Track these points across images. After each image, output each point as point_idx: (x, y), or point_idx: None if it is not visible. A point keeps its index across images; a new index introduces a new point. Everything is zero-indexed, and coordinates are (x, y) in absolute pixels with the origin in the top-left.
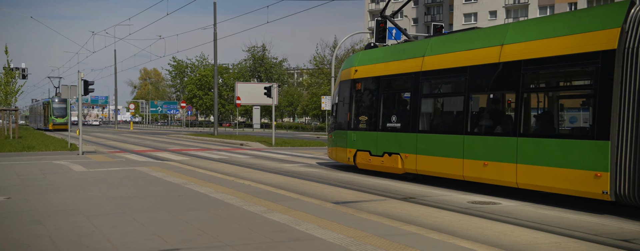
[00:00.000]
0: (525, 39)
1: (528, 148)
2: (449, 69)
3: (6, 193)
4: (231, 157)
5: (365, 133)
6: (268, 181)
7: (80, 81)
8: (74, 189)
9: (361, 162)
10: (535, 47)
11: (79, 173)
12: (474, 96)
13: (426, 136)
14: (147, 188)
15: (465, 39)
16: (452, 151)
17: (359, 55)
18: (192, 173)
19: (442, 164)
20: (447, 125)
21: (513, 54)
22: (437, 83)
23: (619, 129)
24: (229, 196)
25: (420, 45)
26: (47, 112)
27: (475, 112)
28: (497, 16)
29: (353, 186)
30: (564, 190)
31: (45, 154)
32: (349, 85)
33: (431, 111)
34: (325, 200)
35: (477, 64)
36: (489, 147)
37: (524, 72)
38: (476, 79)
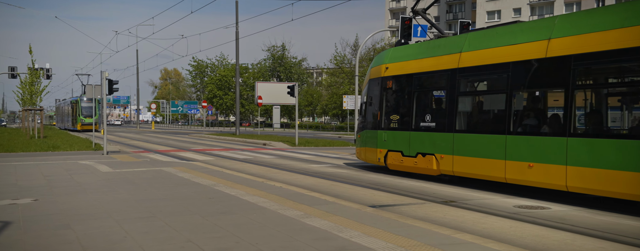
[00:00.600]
0: (576, 32)
1: (580, 149)
2: (489, 65)
3: (33, 194)
4: (256, 157)
5: (397, 132)
6: (298, 182)
7: (105, 80)
8: (101, 190)
9: (393, 163)
10: (588, 41)
11: (106, 173)
12: (518, 93)
13: (464, 135)
14: (175, 189)
15: (507, 33)
16: (492, 151)
17: (389, 52)
18: (220, 174)
19: (482, 165)
20: (487, 124)
21: (562, 49)
22: (476, 80)
23: None
24: (262, 199)
25: (457, 40)
26: (76, 111)
27: (518, 110)
28: (521, 13)
29: (387, 188)
30: (623, 195)
31: (70, 154)
32: (379, 83)
33: (469, 110)
34: (361, 203)
35: (521, 60)
36: (534, 148)
37: (575, 67)
38: (520, 76)
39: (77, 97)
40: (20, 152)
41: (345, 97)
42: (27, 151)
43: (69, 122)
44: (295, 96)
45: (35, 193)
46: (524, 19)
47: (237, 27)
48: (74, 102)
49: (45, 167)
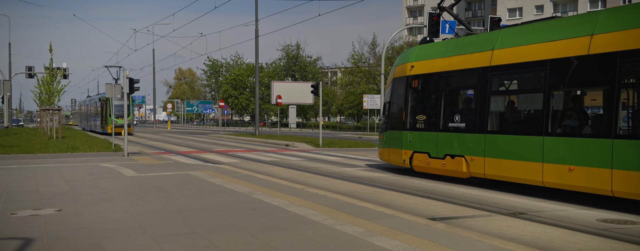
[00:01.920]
0: (622, 27)
1: (628, 152)
2: (525, 63)
3: (56, 203)
4: (282, 159)
5: (423, 133)
6: (339, 189)
7: (126, 79)
8: (129, 198)
9: (419, 165)
10: (635, 37)
11: (131, 178)
12: (557, 92)
13: (497, 137)
14: (210, 198)
15: (545, 29)
16: (529, 153)
17: (415, 50)
18: (253, 179)
19: (517, 168)
20: (522, 125)
21: (606, 45)
22: (510, 79)
23: None
24: (310, 211)
25: (488, 37)
26: (105, 111)
27: (558, 110)
28: (544, 11)
29: (438, 196)
30: None
31: (90, 156)
32: (405, 82)
33: (502, 110)
34: (420, 215)
35: (560, 57)
36: (576, 150)
37: (621, 65)
38: (559, 74)
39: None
40: (39, 153)
41: (366, 97)
42: (46, 152)
43: (95, 123)
44: (319, 95)
45: (58, 202)
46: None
47: (257, 25)
48: (103, 100)
49: (66, 170)
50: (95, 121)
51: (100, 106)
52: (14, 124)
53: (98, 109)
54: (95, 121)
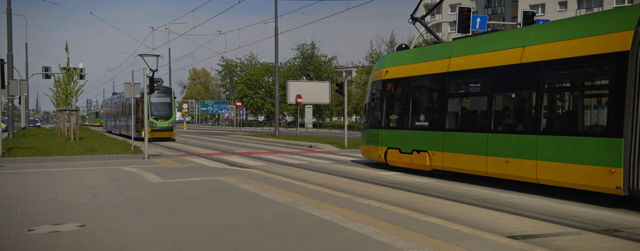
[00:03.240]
0: (547, 40)
1: (548, 145)
2: (474, 70)
3: (78, 216)
4: (311, 162)
5: (395, 131)
6: (388, 198)
7: (146, 77)
8: (159, 210)
9: (391, 159)
10: (556, 48)
11: (157, 184)
12: (497, 95)
13: (453, 134)
14: (250, 210)
15: (490, 40)
16: (477, 148)
17: (390, 56)
18: (290, 187)
19: (468, 160)
20: (472, 124)
21: (534, 55)
22: (462, 83)
23: (632, 126)
24: (372, 229)
25: (448, 46)
26: (142, 110)
27: (498, 111)
28: (568, 7)
29: (497, 206)
30: (580, 185)
31: (110, 158)
32: (381, 85)
33: (457, 110)
34: (498, 233)
35: (500, 65)
36: (511, 145)
37: (544, 72)
38: (499, 79)
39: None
40: (57, 156)
41: None
42: (64, 154)
43: (125, 125)
44: (345, 94)
45: (81, 214)
46: (570, 14)
47: (276, 22)
48: (140, 97)
49: (86, 175)
50: (126, 121)
51: (136, 105)
52: (31, 125)
53: (131, 109)
54: (126, 121)
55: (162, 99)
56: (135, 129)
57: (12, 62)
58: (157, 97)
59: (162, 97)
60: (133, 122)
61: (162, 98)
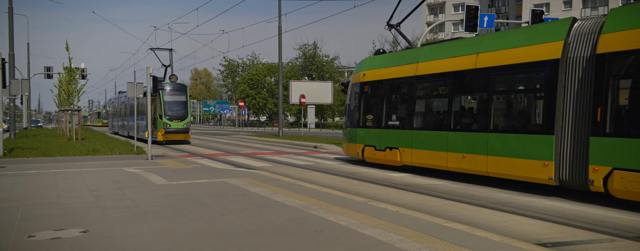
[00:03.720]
0: (496, 48)
1: (496, 142)
2: (437, 74)
3: (81, 221)
4: (318, 163)
5: (371, 130)
6: (402, 201)
7: (149, 77)
8: (166, 214)
9: (368, 156)
10: (503, 56)
11: (162, 186)
12: (456, 97)
13: (419, 132)
14: (261, 215)
15: (451, 47)
16: (439, 145)
17: (367, 60)
18: (300, 189)
19: (432, 156)
20: (435, 123)
21: (486, 62)
22: (427, 86)
23: (562, 125)
24: (393, 236)
25: (416, 52)
26: (155, 109)
27: (457, 111)
28: (572, 6)
29: (523, 211)
30: (521, 177)
31: (112, 159)
32: (359, 87)
33: (423, 111)
34: (526, 240)
35: (458, 70)
36: (467, 142)
37: (494, 77)
38: (458, 83)
39: None
40: (59, 156)
41: None
42: (66, 155)
43: (138, 125)
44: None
45: (84, 219)
46: (575, 13)
47: (280, 21)
48: (152, 95)
49: (88, 176)
50: (135, 121)
51: None
52: (33, 125)
53: (143, 108)
54: (135, 121)
55: (177, 98)
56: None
57: (13, 62)
58: (171, 95)
59: (176, 96)
60: (149, 123)
61: (177, 96)
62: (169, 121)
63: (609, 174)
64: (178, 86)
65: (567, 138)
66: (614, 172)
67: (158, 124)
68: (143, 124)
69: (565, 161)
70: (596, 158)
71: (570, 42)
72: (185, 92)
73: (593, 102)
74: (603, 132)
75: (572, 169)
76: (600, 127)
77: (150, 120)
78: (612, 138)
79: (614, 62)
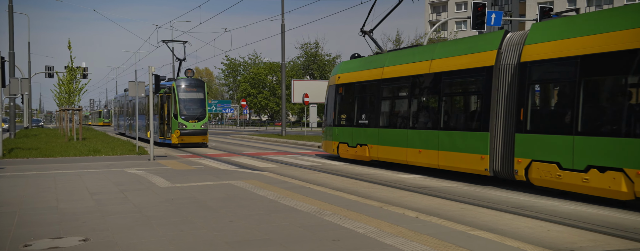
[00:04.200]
0: (446, 55)
1: (445, 138)
2: (398, 77)
3: (81, 227)
4: (324, 164)
5: (345, 128)
6: (418, 205)
7: (151, 75)
8: (171, 220)
9: (342, 152)
10: (451, 62)
11: (165, 189)
12: (414, 99)
13: (385, 130)
14: (272, 221)
15: (410, 53)
16: (400, 141)
17: (342, 64)
18: (309, 192)
19: (394, 152)
20: (398, 122)
21: (437, 67)
22: (391, 88)
23: (495, 123)
24: (417, 246)
25: (383, 57)
26: (168, 108)
27: (414, 111)
28: (577, 4)
29: (548, 216)
30: (464, 169)
31: (114, 160)
32: (334, 89)
33: (388, 111)
34: (559, 250)
35: (416, 74)
36: (422, 138)
37: (444, 80)
38: (415, 86)
39: (173, 82)
40: (59, 157)
41: None
42: (67, 155)
43: (149, 126)
44: None
45: (84, 226)
46: (580, 11)
47: (283, 19)
48: (165, 92)
49: (89, 178)
50: (145, 121)
51: (160, 102)
52: (34, 124)
53: (158, 106)
54: (145, 121)
55: (194, 95)
56: (160, 131)
57: (13, 61)
58: (187, 92)
59: (193, 93)
60: (151, 123)
61: (194, 93)
62: (185, 121)
63: (529, 165)
64: (195, 81)
65: (499, 135)
66: (533, 163)
67: (172, 124)
68: (156, 125)
69: (497, 154)
70: (520, 152)
71: (503, 52)
72: (203, 89)
73: (517, 104)
74: (525, 129)
75: (502, 161)
76: (523, 125)
77: (153, 120)
78: (531, 134)
79: (532, 69)
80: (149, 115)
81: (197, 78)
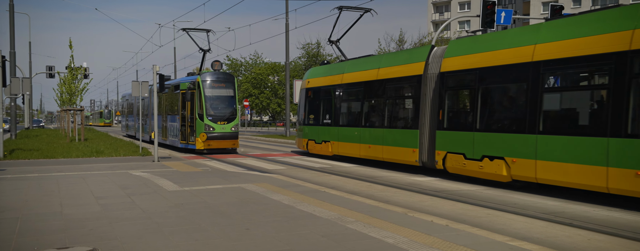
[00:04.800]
0: (388, 65)
1: (388, 135)
2: (354, 83)
3: (88, 236)
4: (333, 165)
5: (312, 127)
6: (440, 210)
7: (156, 75)
8: (183, 228)
9: (311, 148)
10: (393, 70)
11: (173, 193)
12: (366, 102)
13: (343, 128)
14: (291, 229)
15: (363, 62)
16: (355, 138)
17: (312, 70)
18: (326, 197)
19: (350, 147)
20: (354, 121)
21: (383, 75)
22: (348, 92)
23: (423, 122)
24: None
25: (343, 65)
26: (193, 107)
27: (366, 112)
28: (582, 4)
29: (583, 223)
30: (401, 161)
31: (117, 161)
32: (305, 92)
33: (346, 111)
34: None
35: (367, 80)
36: (372, 135)
37: (387, 86)
38: (367, 91)
39: (198, 76)
40: (61, 158)
41: None
42: (69, 156)
43: (168, 128)
44: None
45: (91, 234)
46: (584, 9)
47: (287, 18)
48: (188, 87)
49: (93, 180)
50: (162, 123)
51: (181, 100)
52: (35, 125)
53: (179, 104)
54: (162, 123)
55: (223, 91)
56: (182, 134)
57: (14, 60)
58: (215, 88)
59: (222, 88)
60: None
61: (223, 89)
62: (213, 123)
63: (445, 157)
64: (224, 75)
65: (425, 132)
66: (448, 155)
67: (197, 126)
68: (175, 127)
69: (424, 148)
70: (439, 145)
71: (430, 63)
72: (233, 85)
73: (438, 106)
74: (442, 127)
75: (427, 154)
76: (441, 123)
77: (157, 120)
78: (446, 131)
79: (448, 78)
80: (154, 114)
81: (226, 71)
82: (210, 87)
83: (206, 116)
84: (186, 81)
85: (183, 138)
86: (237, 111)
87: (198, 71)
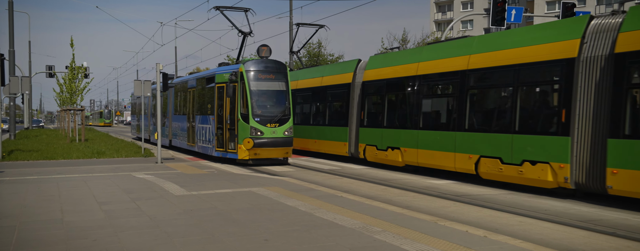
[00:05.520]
0: (329, 74)
1: (327, 131)
2: (308, 88)
3: (92, 248)
4: (343, 167)
5: (300, 126)
6: (466, 217)
7: (159, 74)
8: (195, 238)
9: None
10: (331, 79)
11: (181, 198)
12: (320, 103)
13: (301, 127)
14: (313, 239)
15: (315, 71)
16: (316, 135)
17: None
18: (343, 202)
19: (305, 142)
20: (316, 119)
21: (325, 82)
22: (302, 96)
23: (352, 121)
24: None
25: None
26: (235, 103)
27: (324, 112)
28: (586, 3)
29: (627, 232)
30: (337, 152)
31: (119, 163)
32: (361, 87)
33: (301, 112)
34: None
35: (317, 86)
36: (334, 133)
37: (328, 92)
38: (320, 94)
39: (240, 65)
40: (62, 159)
41: None
42: (69, 158)
43: (189, 130)
44: None
45: (95, 246)
46: (589, 8)
47: (291, 16)
48: (230, 80)
49: (95, 184)
50: (192, 124)
51: (218, 95)
52: (34, 125)
53: (207, 103)
54: (192, 124)
55: (274, 85)
56: (218, 141)
57: (13, 59)
58: (263, 80)
59: (271, 81)
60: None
61: (273, 82)
62: (260, 125)
63: (365, 148)
64: (274, 64)
65: (353, 129)
66: (366, 147)
67: (240, 130)
68: (211, 129)
69: (352, 142)
70: (361, 139)
71: (356, 73)
72: (286, 77)
73: (361, 108)
74: (363, 125)
75: (354, 147)
76: (362, 122)
77: (160, 120)
78: (365, 128)
79: (367, 87)
80: (157, 114)
81: (276, 60)
82: (256, 79)
83: (252, 116)
84: (224, 72)
85: (219, 145)
86: (290, 110)
87: (234, 61)
